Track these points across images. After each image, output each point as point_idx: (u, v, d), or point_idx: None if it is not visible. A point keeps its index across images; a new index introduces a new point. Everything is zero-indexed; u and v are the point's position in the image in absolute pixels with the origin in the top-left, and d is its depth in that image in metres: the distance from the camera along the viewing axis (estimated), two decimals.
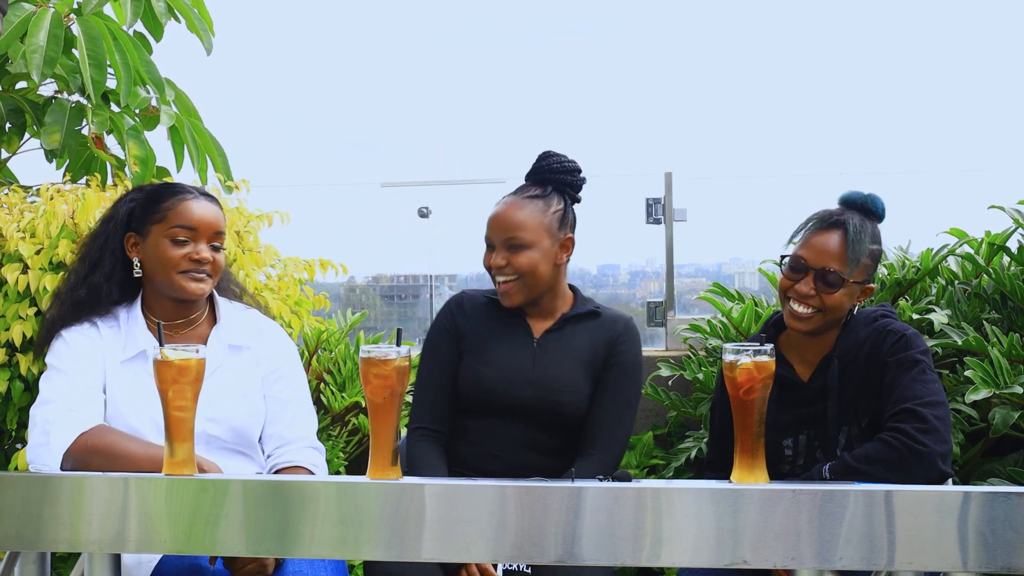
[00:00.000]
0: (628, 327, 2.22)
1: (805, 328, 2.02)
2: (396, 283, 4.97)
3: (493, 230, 2.17)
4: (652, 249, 3.96)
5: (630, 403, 2.19)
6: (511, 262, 2.14)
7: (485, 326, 2.22)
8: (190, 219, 2.00)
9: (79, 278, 2.06)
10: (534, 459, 2.14)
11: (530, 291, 2.16)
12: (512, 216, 2.15)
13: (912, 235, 3.19)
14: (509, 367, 2.16)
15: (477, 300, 2.27)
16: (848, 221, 2.01)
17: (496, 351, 2.18)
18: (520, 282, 2.15)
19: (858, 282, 2.01)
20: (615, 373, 2.18)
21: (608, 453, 2.14)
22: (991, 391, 2.54)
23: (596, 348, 2.18)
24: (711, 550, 1.42)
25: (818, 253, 2.00)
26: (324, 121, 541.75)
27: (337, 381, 3.06)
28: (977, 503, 1.38)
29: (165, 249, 1.99)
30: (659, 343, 3.74)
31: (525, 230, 2.13)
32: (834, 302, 1.99)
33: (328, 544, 1.47)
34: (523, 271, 2.13)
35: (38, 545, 1.52)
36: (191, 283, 2.00)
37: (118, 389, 1.97)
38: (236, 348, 2.08)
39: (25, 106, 3.36)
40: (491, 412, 2.17)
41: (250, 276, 2.94)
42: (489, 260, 2.18)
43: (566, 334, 2.20)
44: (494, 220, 2.17)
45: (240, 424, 2.03)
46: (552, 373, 2.15)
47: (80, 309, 2.02)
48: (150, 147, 3.33)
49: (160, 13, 3.49)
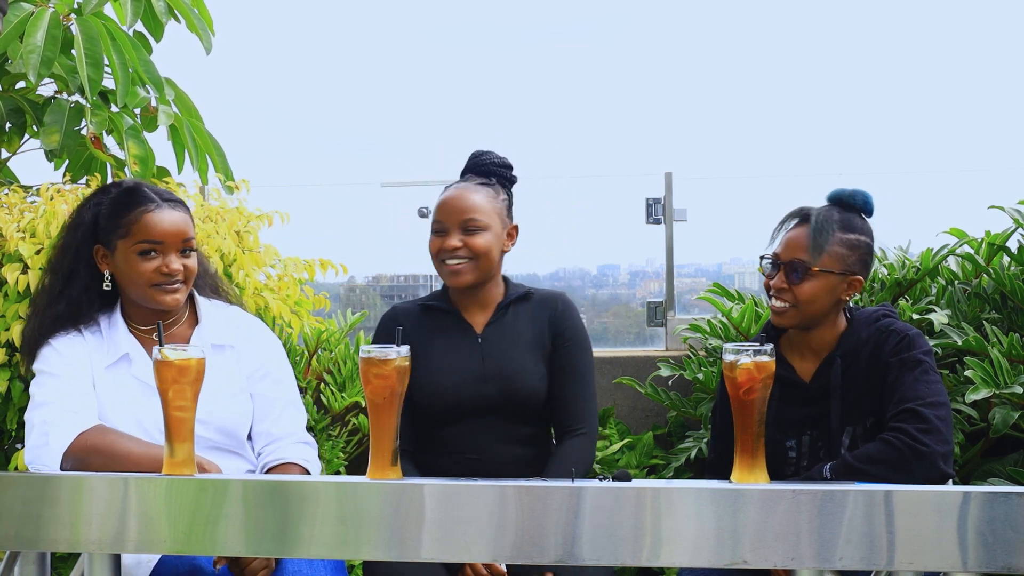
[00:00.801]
0: (565, 303, 2.25)
1: (785, 323, 2.04)
2: (396, 283, 4.97)
3: (447, 213, 2.17)
4: (652, 249, 3.96)
5: (589, 374, 2.24)
6: (467, 244, 2.14)
7: (426, 334, 2.21)
8: (155, 232, 1.97)
9: (56, 292, 2.02)
10: (509, 451, 2.17)
11: (480, 274, 2.17)
12: (467, 199, 2.17)
13: (912, 235, 3.19)
14: (461, 369, 2.17)
15: (411, 311, 2.26)
16: (812, 213, 2.03)
17: (444, 356, 2.18)
18: (473, 263, 2.15)
19: (830, 271, 2.00)
20: (568, 349, 2.21)
21: (591, 426, 2.20)
22: (991, 391, 2.54)
23: (540, 329, 2.21)
24: (711, 550, 1.41)
25: (787, 247, 2.04)
26: (324, 121, 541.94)
27: (337, 381, 3.06)
28: (977, 503, 1.38)
29: (134, 264, 1.97)
30: (659, 343, 3.74)
31: (480, 212, 2.16)
32: (804, 294, 2.00)
33: (328, 544, 1.47)
34: (479, 252, 2.14)
35: (38, 545, 1.52)
36: (165, 296, 1.99)
37: (104, 393, 1.96)
38: (219, 347, 2.07)
39: (25, 106, 3.36)
40: (455, 417, 2.17)
41: (250, 276, 2.94)
42: (442, 243, 2.16)
43: (507, 322, 2.22)
44: (448, 203, 2.18)
45: (228, 423, 2.02)
46: (503, 364, 2.17)
47: (62, 323, 2.00)
48: (149, 147, 3.33)
49: (160, 13, 3.49)
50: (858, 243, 2.04)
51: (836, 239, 2.00)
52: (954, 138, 55.46)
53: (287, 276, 3.15)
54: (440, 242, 2.17)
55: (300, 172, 16.69)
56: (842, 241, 2.01)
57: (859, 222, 2.06)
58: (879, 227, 2.10)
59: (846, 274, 2.01)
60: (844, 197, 2.07)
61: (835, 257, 2.00)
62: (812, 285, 2.00)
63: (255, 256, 3.02)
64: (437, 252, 2.17)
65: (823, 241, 1.99)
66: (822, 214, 2.03)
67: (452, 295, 2.25)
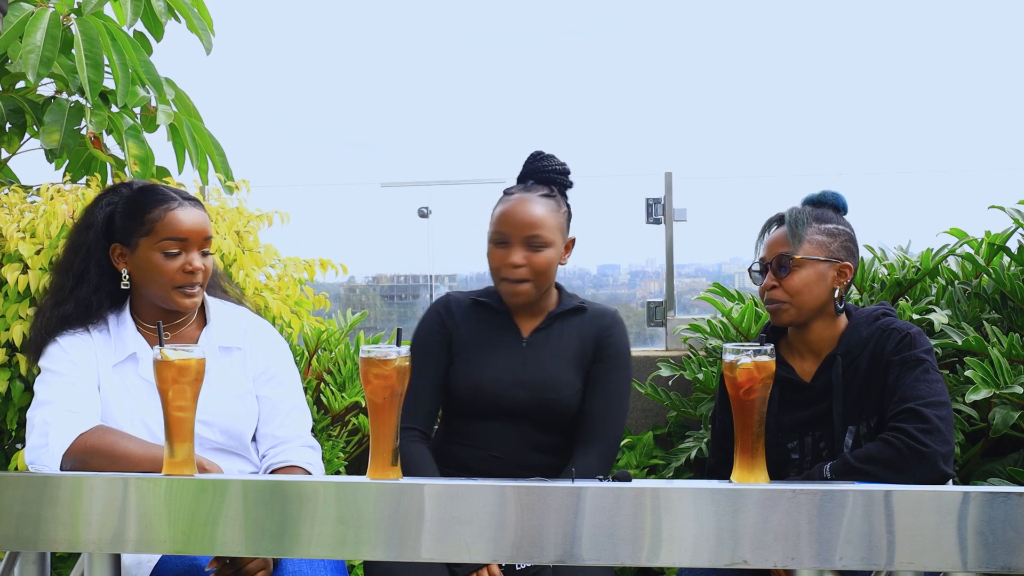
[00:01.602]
0: (615, 320, 2.22)
1: (785, 321, 2.05)
2: (396, 283, 4.97)
3: (511, 225, 2.09)
4: (652, 249, 3.96)
5: (622, 395, 2.19)
6: (530, 262, 2.09)
7: (474, 329, 2.20)
8: (180, 230, 1.97)
9: (65, 292, 2.01)
10: (534, 457, 2.15)
11: (537, 292, 2.14)
12: (532, 212, 2.09)
13: (912, 235, 3.19)
14: (501, 369, 2.15)
15: (463, 303, 2.24)
16: (785, 212, 2.08)
17: (487, 354, 2.17)
18: (534, 283, 2.11)
19: (815, 259, 2.02)
20: (605, 366, 2.17)
21: (605, 446, 2.15)
22: (991, 391, 2.54)
23: (585, 343, 2.18)
24: (711, 550, 1.41)
25: (769, 248, 2.07)
26: (324, 121, 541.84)
27: (337, 381, 3.06)
28: (977, 503, 1.38)
29: (158, 262, 1.96)
30: (659, 343, 3.74)
31: (545, 228, 2.09)
32: (794, 285, 2.01)
33: (327, 544, 1.47)
34: (541, 271, 2.10)
35: (37, 545, 1.52)
36: (185, 299, 1.99)
37: (110, 392, 1.96)
38: (227, 349, 2.07)
39: (25, 106, 3.36)
40: (487, 415, 2.16)
41: (250, 276, 2.94)
42: (506, 258, 2.09)
43: (554, 332, 2.19)
44: (511, 215, 2.10)
45: (233, 425, 2.03)
46: (543, 373, 2.15)
47: (70, 323, 1.99)
48: (149, 147, 3.34)
49: (160, 13, 3.50)
50: (836, 231, 2.06)
51: (813, 228, 2.04)
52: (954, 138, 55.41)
53: (287, 276, 3.15)
54: (502, 256, 2.10)
55: (300, 172, 16.68)
56: (819, 230, 2.05)
57: (833, 215, 2.09)
58: (880, 227, 2.12)
59: (831, 261, 2.03)
60: (814, 198, 2.12)
61: (816, 245, 2.03)
62: (800, 276, 2.02)
63: (255, 256, 3.02)
64: (498, 265, 2.11)
65: (800, 231, 2.03)
66: (795, 209, 2.08)
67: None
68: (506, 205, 2.12)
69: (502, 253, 2.11)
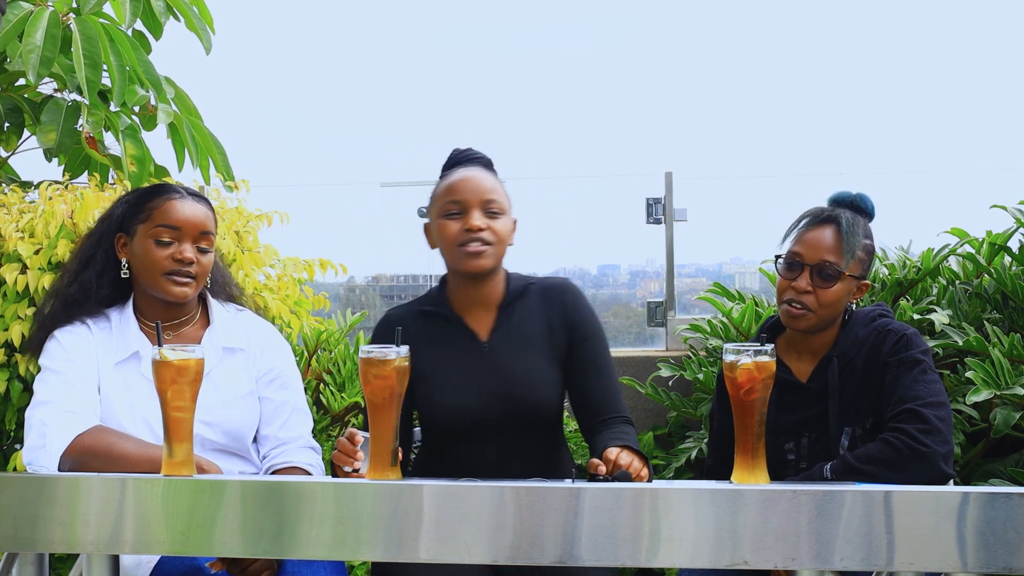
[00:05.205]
0: (573, 294, 2.09)
1: (802, 326, 2.02)
2: (396, 283, 4.97)
3: (468, 191, 1.97)
4: (652, 249, 3.96)
5: (611, 363, 2.08)
6: (491, 226, 1.97)
7: (426, 345, 2.01)
8: (174, 218, 1.99)
9: (72, 276, 2.06)
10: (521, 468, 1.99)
11: (497, 262, 2.01)
12: (485, 179, 2.00)
13: (913, 235, 3.20)
14: (467, 386, 2.00)
15: (407, 318, 2.07)
16: (840, 215, 2.02)
17: (447, 369, 2.01)
18: (494, 248, 1.97)
19: (854, 276, 2.01)
20: (587, 346, 2.05)
21: (623, 417, 2.03)
22: (992, 392, 2.53)
23: (552, 327, 2.05)
24: (711, 551, 1.41)
25: (813, 248, 2.00)
26: (324, 121, 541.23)
27: (337, 381, 3.05)
28: (977, 503, 1.37)
29: (149, 249, 1.99)
30: (659, 343, 3.74)
31: (499, 195, 2.00)
32: (830, 297, 1.99)
33: (326, 545, 1.46)
34: (501, 238, 1.99)
35: (35, 546, 1.52)
36: (174, 287, 1.99)
37: (111, 391, 1.96)
38: (230, 350, 2.07)
39: (23, 104, 3.36)
40: (462, 437, 2.03)
41: (249, 276, 2.94)
42: (464, 224, 1.96)
43: (514, 325, 2.04)
44: (466, 182, 1.98)
45: (234, 427, 2.02)
46: (513, 377, 2.00)
47: (71, 307, 2.01)
48: (146, 147, 3.34)
49: (159, 12, 3.50)
50: (871, 247, 2.06)
51: (860, 244, 2.01)
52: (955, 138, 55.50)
53: (287, 276, 3.15)
54: (461, 223, 1.96)
55: (300, 172, 16.71)
56: (863, 246, 2.02)
57: (870, 229, 2.07)
58: (879, 227, 2.11)
59: (861, 278, 2.02)
60: (855, 201, 2.06)
61: (858, 262, 2.01)
62: (839, 289, 1.99)
63: (255, 256, 3.01)
64: (456, 234, 1.96)
65: (854, 245, 1.99)
66: (850, 218, 2.01)
67: (450, 296, 2.08)
68: (455, 176, 2.01)
69: (459, 223, 1.97)
